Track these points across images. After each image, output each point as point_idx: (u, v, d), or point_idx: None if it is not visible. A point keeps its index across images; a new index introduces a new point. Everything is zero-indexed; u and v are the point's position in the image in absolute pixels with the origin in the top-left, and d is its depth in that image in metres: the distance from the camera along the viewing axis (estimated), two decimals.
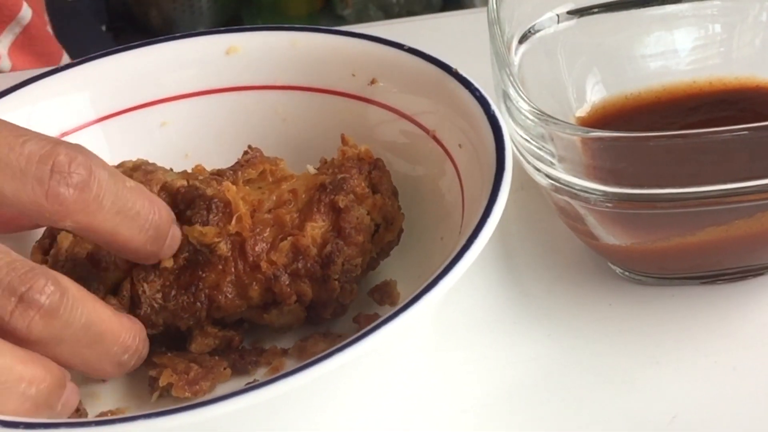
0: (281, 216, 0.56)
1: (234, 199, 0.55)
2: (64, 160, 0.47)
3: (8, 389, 0.46)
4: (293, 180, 0.58)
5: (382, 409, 0.55)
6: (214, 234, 0.54)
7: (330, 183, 0.56)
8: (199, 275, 0.54)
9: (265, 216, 0.56)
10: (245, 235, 0.55)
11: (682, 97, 0.64)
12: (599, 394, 0.55)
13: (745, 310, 0.58)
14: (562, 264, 0.62)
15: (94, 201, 0.48)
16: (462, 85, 0.59)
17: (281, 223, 0.55)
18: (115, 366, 0.51)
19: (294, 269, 0.55)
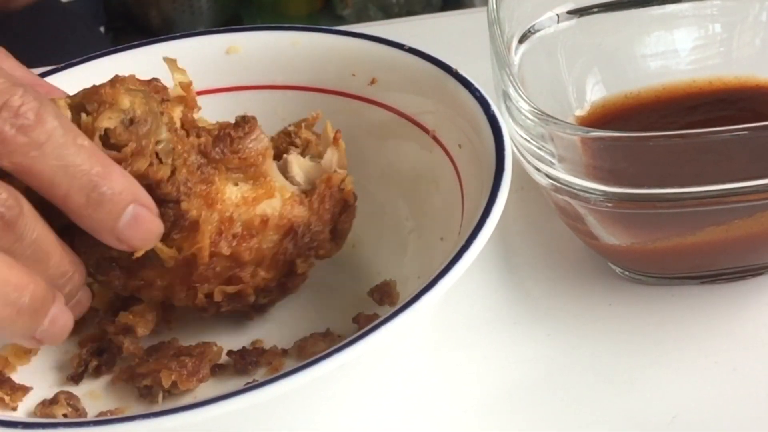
0: (240, 254, 0.55)
1: (202, 229, 0.53)
2: (17, 101, 0.48)
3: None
4: (269, 199, 0.55)
5: (382, 409, 0.55)
6: (168, 254, 0.54)
7: (301, 235, 0.56)
8: (143, 270, 0.54)
9: (224, 249, 0.54)
10: (198, 263, 0.54)
11: (682, 97, 0.64)
12: (599, 394, 0.55)
13: (744, 310, 0.58)
14: (562, 264, 0.62)
15: (35, 147, 0.48)
16: (462, 85, 0.59)
17: (237, 261, 0.55)
18: (50, 287, 0.51)
19: (226, 307, 0.56)
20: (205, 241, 0.53)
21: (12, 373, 0.57)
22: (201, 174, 0.54)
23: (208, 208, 0.54)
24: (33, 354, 0.59)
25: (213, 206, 0.54)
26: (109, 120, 0.51)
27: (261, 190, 0.55)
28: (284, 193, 0.55)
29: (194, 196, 0.53)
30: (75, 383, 0.57)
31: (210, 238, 0.54)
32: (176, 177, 0.53)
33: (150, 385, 0.55)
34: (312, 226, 0.56)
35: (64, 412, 0.54)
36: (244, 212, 0.54)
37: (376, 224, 0.63)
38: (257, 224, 0.55)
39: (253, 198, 0.54)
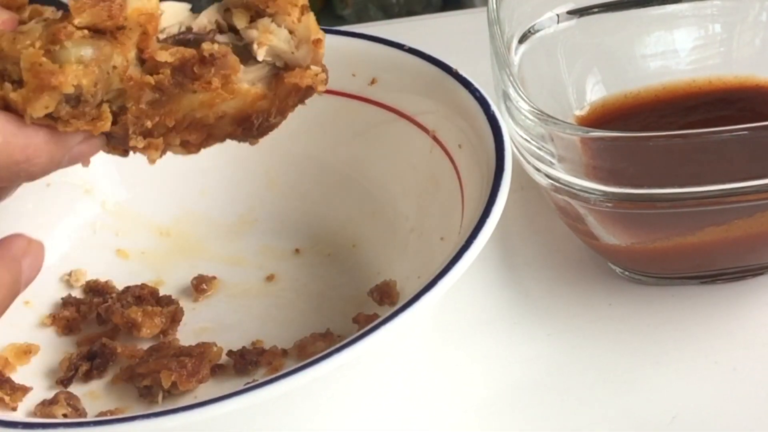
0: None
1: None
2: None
3: None
4: (231, 101, 0.50)
5: (382, 409, 0.55)
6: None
7: (256, 122, 0.51)
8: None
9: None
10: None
11: (682, 96, 0.64)
12: (599, 393, 0.55)
13: (744, 310, 0.58)
14: (562, 264, 0.62)
15: None
16: (462, 85, 0.59)
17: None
18: None
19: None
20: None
21: (12, 374, 0.57)
22: (153, 108, 0.49)
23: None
24: (33, 354, 0.59)
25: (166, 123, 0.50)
26: (45, 108, 0.45)
27: (222, 96, 0.50)
28: (247, 96, 0.51)
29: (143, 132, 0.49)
30: (64, 387, 0.57)
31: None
32: (125, 118, 0.48)
33: (150, 385, 0.55)
34: (271, 117, 0.52)
35: (64, 412, 0.54)
36: (200, 115, 0.50)
37: (376, 224, 0.63)
38: (212, 120, 0.50)
39: (211, 104, 0.50)
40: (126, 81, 0.47)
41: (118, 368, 0.58)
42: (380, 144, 0.63)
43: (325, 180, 0.65)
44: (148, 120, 0.48)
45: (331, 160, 0.65)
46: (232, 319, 0.60)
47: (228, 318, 0.60)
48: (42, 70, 0.45)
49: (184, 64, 0.48)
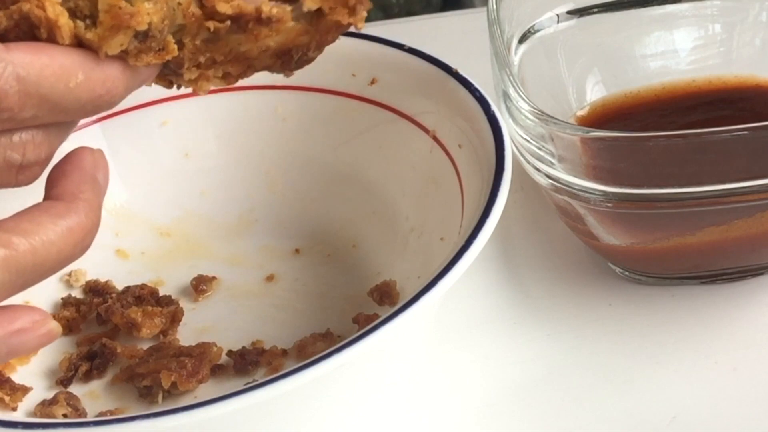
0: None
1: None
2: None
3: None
4: (276, 36, 0.51)
5: (382, 409, 0.55)
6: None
7: (295, 55, 0.52)
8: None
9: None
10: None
11: (682, 96, 0.64)
12: (599, 394, 0.55)
13: (745, 310, 0.58)
14: (562, 264, 0.62)
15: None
16: (462, 85, 0.59)
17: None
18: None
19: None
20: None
21: (12, 374, 0.57)
22: (207, 44, 0.51)
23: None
24: (33, 354, 0.59)
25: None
26: (120, 46, 0.47)
27: (269, 35, 0.51)
28: (291, 32, 0.51)
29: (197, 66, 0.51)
30: (64, 387, 0.57)
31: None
32: (182, 51, 0.50)
33: (150, 385, 0.55)
34: (310, 51, 0.53)
35: (64, 412, 0.54)
36: (245, 49, 0.51)
37: (376, 224, 0.63)
38: (255, 54, 0.52)
39: (257, 40, 0.51)
40: (188, 17, 0.49)
41: (118, 368, 0.58)
42: (380, 144, 0.63)
43: (325, 180, 0.65)
44: (201, 55, 0.50)
45: (332, 161, 0.65)
46: (232, 319, 0.60)
47: (228, 318, 0.60)
48: (120, 12, 0.46)
49: (241, 18, 0.50)
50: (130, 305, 0.59)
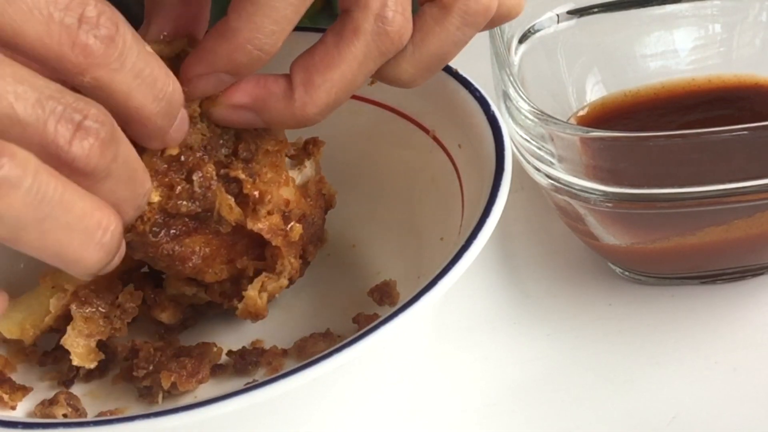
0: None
1: (263, 201, 0.54)
2: (93, 11, 0.45)
3: (88, 237, 0.44)
4: (287, 187, 0.56)
5: (382, 409, 0.55)
6: (235, 216, 0.53)
7: (310, 224, 0.56)
8: (193, 235, 0.53)
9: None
10: (247, 233, 0.54)
11: (681, 95, 0.64)
12: (599, 394, 0.55)
13: (744, 310, 0.58)
14: (562, 264, 0.62)
15: (118, 58, 0.45)
16: (462, 85, 0.59)
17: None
18: (136, 208, 0.48)
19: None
20: (264, 215, 0.54)
21: (12, 373, 0.57)
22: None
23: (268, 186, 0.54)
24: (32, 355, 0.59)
25: (273, 186, 0.54)
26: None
27: (282, 176, 0.55)
28: (293, 184, 0.56)
29: (256, 176, 0.54)
30: (66, 387, 0.57)
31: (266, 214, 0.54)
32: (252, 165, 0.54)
33: (150, 386, 0.55)
34: (314, 218, 0.57)
35: (64, 412, 0.54)
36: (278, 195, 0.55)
37: (376, 224, 0.63)
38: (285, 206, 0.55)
39: (278, 183, 0.55)
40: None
41: (119, 368, 0.58)
42: (380, 144, 0.63)
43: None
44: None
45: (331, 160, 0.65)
46: (232, 319, 0.60)
47: (228, 318, 0.60)
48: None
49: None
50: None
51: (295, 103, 0.51)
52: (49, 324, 0.56)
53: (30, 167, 0.42)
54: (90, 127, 0.43)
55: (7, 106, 0.42)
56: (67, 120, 0.43)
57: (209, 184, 0.52)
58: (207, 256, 0.54)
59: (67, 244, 0.43)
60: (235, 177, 0.53)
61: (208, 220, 0.53)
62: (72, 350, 0.55)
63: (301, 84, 0.51)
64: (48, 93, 0.43)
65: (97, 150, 0.44)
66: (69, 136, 0.43)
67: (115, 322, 0.55)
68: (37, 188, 0.42)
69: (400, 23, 0.50)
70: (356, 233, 0.63)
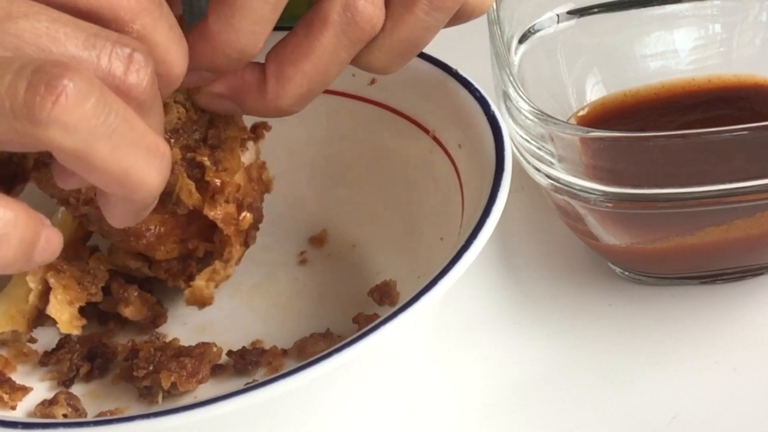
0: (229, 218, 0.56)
1: (224, 190, 0.55)
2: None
3: (151, 156, 0.44)
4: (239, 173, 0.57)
5: (382, 409, 0.55)
6: (193, 201, 0.54)
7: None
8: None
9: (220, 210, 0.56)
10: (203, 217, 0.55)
11: (681, 95, 0.64)
12: (599, 394, 0.55)
13: (745, 310, 0.58)
14: (562, 264, 0.62)
15: (159, 7, 0.46)
16: (462, 85, 0.59)
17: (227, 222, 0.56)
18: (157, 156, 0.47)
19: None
20: (222, 203, 0.55)
21: (12, 373, 0.57)
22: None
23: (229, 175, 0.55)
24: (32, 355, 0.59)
25: (232, 174, 0.55)
26: None
27: (238, 163, 0.56)
28: (243, 169, 0.57)
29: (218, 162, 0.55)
30: (66, 387, 0.57)
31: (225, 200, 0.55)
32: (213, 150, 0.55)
33: (150, 386, 0.55)
34: (257, 203, 0.58)
35: (64, 412, 0.54)
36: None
37: (376, 224, 0.63)
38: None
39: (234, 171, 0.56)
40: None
41: (118, 369, 0.58)
42: (380, 144, 0.63)
43: (324, 180, 0.65)
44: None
45: (331, 160, 0.65)
46: (232, 319, 0.60)
47: (228, 318, 0.60)
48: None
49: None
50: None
51: (268, 95, 0.51)
52: (35, 304, 0.57)
53: (96, 82, 0.42)
54: (140, 60, 0.44)
55: (60, 46, 0.42)
56: (118, 54, 0.43)
57: (172, 167, 0.52)
58: (161, 235, 0.55)
59: (134, 161, 0.43)
60: (200, 162, 0.54)
61: (165, 201, 0.54)
62: (57, 318, 0.55)
63: (274, 76, 0.51)
64: (93, 31, 0.43)
65: (150, 81, 0.44)
66: (123, 67, 0.43)
67: (90, 288, 0.56)
68: (104, 101, 0.42)
69: (370, 12, 0.49)
70: (356, 233, 0.63)
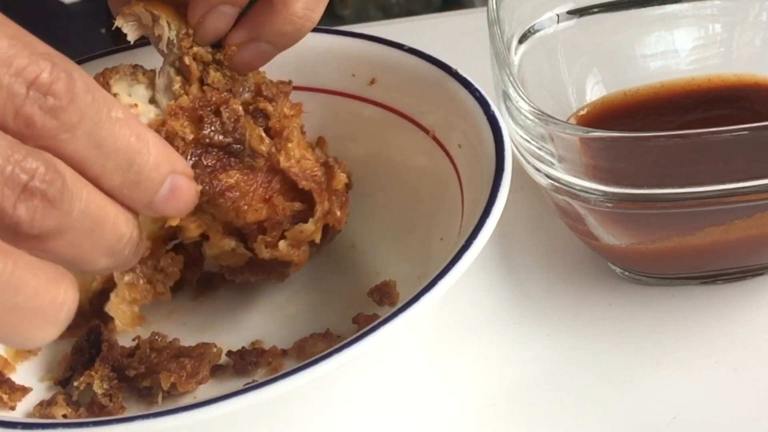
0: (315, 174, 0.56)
1: (290, 128, 0.55)
2: (46, 78, 0.42)
3: (39, 317, 0.41)
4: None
5: (382, 409, 0.55)
6: (266, 149, 0.54)
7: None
8: (230, 171, 0.53)
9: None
10: (282, 169, 0.55)
11: (681, 94, 0.64)
12: (599, 394, 0.55)
13: (744, 310, 0.58)
14: (562, 264, 0.62)
15: (67, 129, 0.42)
16: (462, 85, 0.59)
17: (313, 178, 0.56)
18: (109, 255, 0.46)
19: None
20: (295, 147, 0.55)
21: (12, 374, 0.57)
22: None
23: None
24: (33, 355, 0.59)
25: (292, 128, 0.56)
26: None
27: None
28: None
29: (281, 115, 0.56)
30: (62, 387, 0.57)
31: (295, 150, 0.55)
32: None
33: (150, 386, 0.55)
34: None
35: (64, 412, 0.54)
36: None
37: (376, 224, 0.63)
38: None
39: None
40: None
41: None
42: (380, 144, 0.63)
43: None
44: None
45: None
46: (232, 319, 0.60)
47: (228, 318, 0.60)
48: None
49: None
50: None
51: (277, 8, 0.54)
52: (97, 288, 0.57)
53: None
54: (35, 189, 0.41)
55: None
56: (13, 182, 0.41)
57: (237, 117, 0.53)
58: (245, 191, 0.54)
59: (14, 326, 0.41)
60: (263, 109, 0.55)
61: (241, 155, 0.54)
62: (116, 317, 0.54)
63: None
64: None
65: (42, 211, 0.41)
66: (14, 198, 0.41)
67: (158, 287, 0.56)
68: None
69: None
70: (356, 233, 0.63)
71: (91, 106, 0.43)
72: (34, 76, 0.41)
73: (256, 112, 0.55)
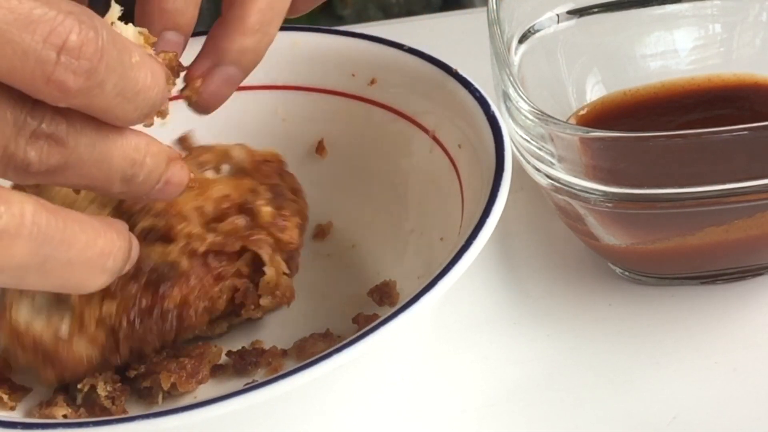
0: (235, 226, 0.56)
1: (189, 213, 0.55)
2: (75, 41, 0.41)
3: (91, 267, 0.44)
4: (219, 186, 0.57)
5: (382, 409, 0.55)
6: (178, 251, 0.54)
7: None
8: (161, 294, 0.54)
9: (217, 226, 0.56)
10: (206, 248, 0.55)
11: (681, 94, 0.64)
12: (599, 394, 0.55)
13: (745, 310, 0.58)
14: (562, 264, 0.62)
15: (98, 86, 0.43)
16: (462, 85, 0.59)
17: (235, 231, 0.56)
18: (124, 182, 0.47)
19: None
20: (196, 221, 0.56)
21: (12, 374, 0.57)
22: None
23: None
24: None
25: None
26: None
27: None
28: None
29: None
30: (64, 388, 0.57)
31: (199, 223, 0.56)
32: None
33: (150, 386, 0.55)
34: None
35: (64, 413, 0.54)
36: (202, 199, 0.57)
37: (376, 224, 0.63)
38: (224, 204, 0.57)
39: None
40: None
41: None
42: (380, 144, 0.63)
43: (324, 180, 0.65)
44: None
45: (331, 161, 0.65)
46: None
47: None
48: None
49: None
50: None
51: (228, 20, 0.55)
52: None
53: (27, 213, 0.41)
54: (41, 132, 0.43)
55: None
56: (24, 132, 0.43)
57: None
58: (192, 296, 0.55)
59: (69, 278, 0.44)
60: (153, 227, 0.55)
61: (168, 274, 0.55)
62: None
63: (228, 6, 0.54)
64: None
65: (47, 150, 0.43)
66: (24, 144, 0.42)
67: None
68: (37, 233, 0.42)
69: None
70: (356, 233, 0.63)
71: (118, 60, 0.44)
72: (62, 40, 0.41)
73: (149, 234, 0.55)
